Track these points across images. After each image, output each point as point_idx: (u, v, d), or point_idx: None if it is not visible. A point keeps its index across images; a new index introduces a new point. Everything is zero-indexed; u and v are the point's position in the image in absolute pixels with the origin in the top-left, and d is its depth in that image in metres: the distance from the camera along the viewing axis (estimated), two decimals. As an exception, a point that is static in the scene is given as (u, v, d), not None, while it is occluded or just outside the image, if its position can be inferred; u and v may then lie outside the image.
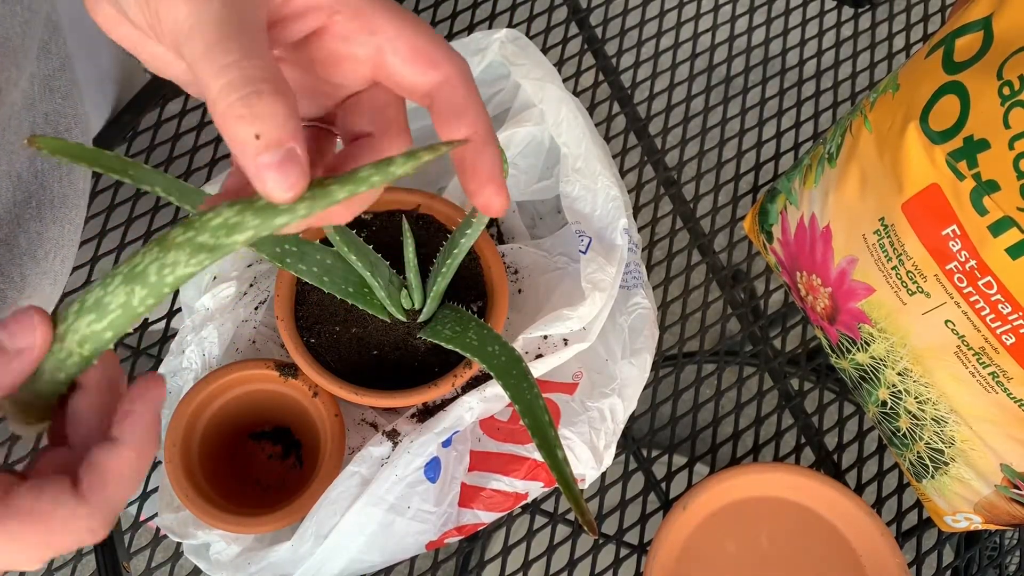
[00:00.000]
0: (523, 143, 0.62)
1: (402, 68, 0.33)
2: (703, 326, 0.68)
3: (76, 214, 0.58)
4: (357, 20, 0.33)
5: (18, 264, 0.53)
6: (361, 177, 0.30)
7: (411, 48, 0.33)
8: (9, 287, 0.52)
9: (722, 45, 0.77)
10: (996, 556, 0.67)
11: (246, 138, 0.29)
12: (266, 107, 0.29)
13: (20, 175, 0.52)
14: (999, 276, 0.46)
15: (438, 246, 0.54)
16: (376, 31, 0.33)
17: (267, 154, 0.29)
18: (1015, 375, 0.48)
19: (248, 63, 0.29)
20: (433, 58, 0.33)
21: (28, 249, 0.53)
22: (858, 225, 0.53)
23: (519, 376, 0.46)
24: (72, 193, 0.57)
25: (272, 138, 0.29)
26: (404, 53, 0.33)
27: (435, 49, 0.33)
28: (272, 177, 0.29)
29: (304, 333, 0.56)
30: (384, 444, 0.55)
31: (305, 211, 0.30)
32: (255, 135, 0.29)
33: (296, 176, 0.29)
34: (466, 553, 0.63)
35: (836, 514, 0.61)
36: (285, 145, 0.29)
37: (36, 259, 0.54)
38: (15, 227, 0.52)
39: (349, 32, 0.33)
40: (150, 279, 0.31)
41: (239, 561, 0.55)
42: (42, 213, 0.54)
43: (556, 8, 0.78)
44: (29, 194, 0.53)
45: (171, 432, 0.55)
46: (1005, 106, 0.44)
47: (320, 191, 0.30)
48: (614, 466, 0.60)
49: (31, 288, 0.54)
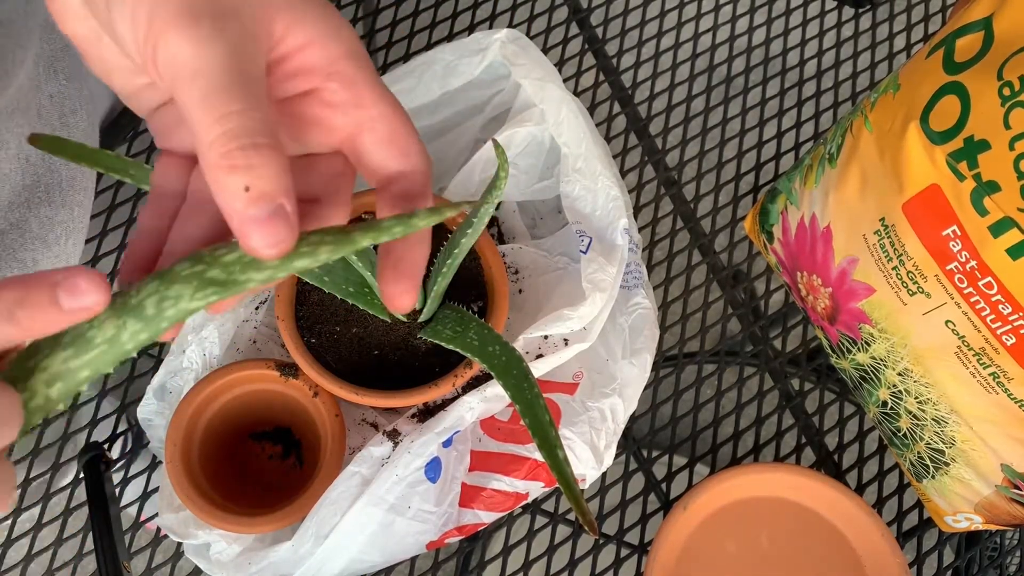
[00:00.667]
0: (523, 143, 0.62)
1: (375, 149, 0.33)
2: (703, 326, 0.68)
3: (85, 197, 0.57)
4: (348, 91, 0.32)
5: (30, 248, 0.52)
6: (385, 227, 0.30)
7: (390, 132, 0.33)
8: (22, 271, 0.52)
9: (723, 45, 0.77)
10: (996, 556, 0.67)
11: (235, 189, 0.28)
12: (261, 160, 0.28)
13: (28, 158, 0.51)
14: (999, 277, 0.46)
15: (438, 246, 0.54)
16: (362, 106, 0.33)
17: (255, 207, 0.28)
18: (1015, 375, 0.48)
19: (250, 115, 0.28)
20: (406, 148, 0.33)
21: (40, 233, 0.53)
22: (858, 225, 0.53)
23: (520, 376, 0.46)
24: (80, 176, 0.56)
25: (263, 191, 0.28)
26: (382, 135, 0.33)
27: (410, 139, 0.34)
28: (258, 232, 0.28)
29: (304, 333, 0.56)
30: (384, 444, 0.55)
31: (327, 255, 0.30)
32: (244, 187, 0.28)
33: (284, 232, 0.28)
34: (466, 553, 0.63)
35: (837, 514, 0.61)
36: (276, 200, 0.28)
37: (48, 243, 0.54)
38: (26, 211, 0.52)
39: (337, 101, 0.33)
40: (147, 312, 0.29)
41: (239, 561, 0.55)
42: (51, 196, 0.53)
43: (556, 8, 0.78)
44: (38, 177, 0.52)
45: (172, 432, 0.55)
46: (1005, 107, 0.44)
47: (344, 238, 0.30)
48: (614, 466, 0.60)
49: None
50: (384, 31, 0.76)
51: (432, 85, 0.62)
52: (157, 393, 0.59)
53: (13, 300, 0.27)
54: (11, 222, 0.51)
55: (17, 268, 0.52)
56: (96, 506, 0.56)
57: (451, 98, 0.64)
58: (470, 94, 0.64)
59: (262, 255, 0.29)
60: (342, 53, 0.32)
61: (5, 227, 0.51)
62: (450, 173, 0.64)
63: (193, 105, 0.28)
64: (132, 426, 0.63)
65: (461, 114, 0.65)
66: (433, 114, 0.64)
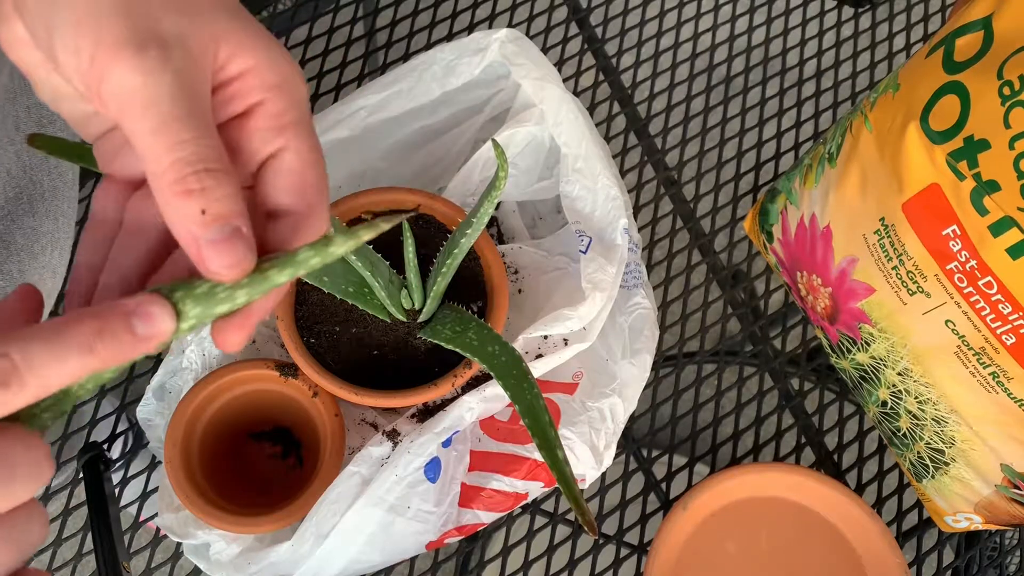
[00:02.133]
0: (523, 143, 0.62)
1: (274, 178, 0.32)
2: (703, 326, 0.68)
3: (68, 206, 0.58)
4: (273, 120, 0.32)
5: (16, 260, 0.52)
6: (300, 260, 0.30)
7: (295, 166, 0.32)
8: (8, 284, 0.52)
9: (722, 45, 0.77)
10: (996, 556, 0.67)
11: (190, 213, 0.28)
12: (215, 183, 0.28)
13: (10, 171, 0.51)
14: (999, 276, 0.46)
15: (438, 246, 0.54)
16: (281, 135, 0.32)
17: (212, 229, 0.28)
18: (1015, 375, 0.48)
19: (201, 142, 0.29)
20: (303, 187, 0.32)
21: (25, 245, 0.53)
22: (858, 225, 0.53)
23: (519, 376, 0.46)
24: (62, 185, 0.56)
25: (218, 213, 0.28)
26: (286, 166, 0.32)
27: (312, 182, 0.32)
28: (216, 254, 0.28)
29: (304, 333, 0.56)
30: (384, 444, 0.55)
31: (245, 297, 0.29)
32: (200, 210, 0.28)
33: (242, 252, 0.29)
34: (466, 553, 0.63)
35: (836, 514, 0.61)
36: (231, 222, 0.28)
37: (33, 254, 0.54)
38: (9, 223, 0.52)
39: (261, 127, 0.32)
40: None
41: (239, 561, 0.55)
42: (35, 207, 0.53)
43: (556, 8, 0.78)
44: (20, 189, 0.52)
45: (171, 432, 0.55)
46: (1005, 106, 0.44)
47: (258, 276, 0.29)
48: (614, 466, 0.60)
49: (32, 284, 0.54)
50: (384, 31, 0.76)
51: (432, 85, 0.62)
52: (156, 393, 0.59)
53: (92, 332, 0.27)
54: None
55: (2, 280, 0.52)
56: (96, 506, 0.56)
57: (451, 98, 0.64)
58: (470, 94, 0.64)
59: (222, 277, 0.29)
60: (277, 83, 0.32)
61: None
62: (450, 173, 0.64)
63: (143, 135, 0.29)
64: (131, 426, 0.63)
65: (461, 114, 0.65)
66: (433, 114, 0.64)
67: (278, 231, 0.32)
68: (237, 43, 0.31)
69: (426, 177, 0.65)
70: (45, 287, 0.57)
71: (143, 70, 0.28)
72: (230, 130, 0.32)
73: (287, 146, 0.32)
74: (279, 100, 0.32)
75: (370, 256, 0.52)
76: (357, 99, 0.61)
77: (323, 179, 0.33)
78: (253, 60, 0.32)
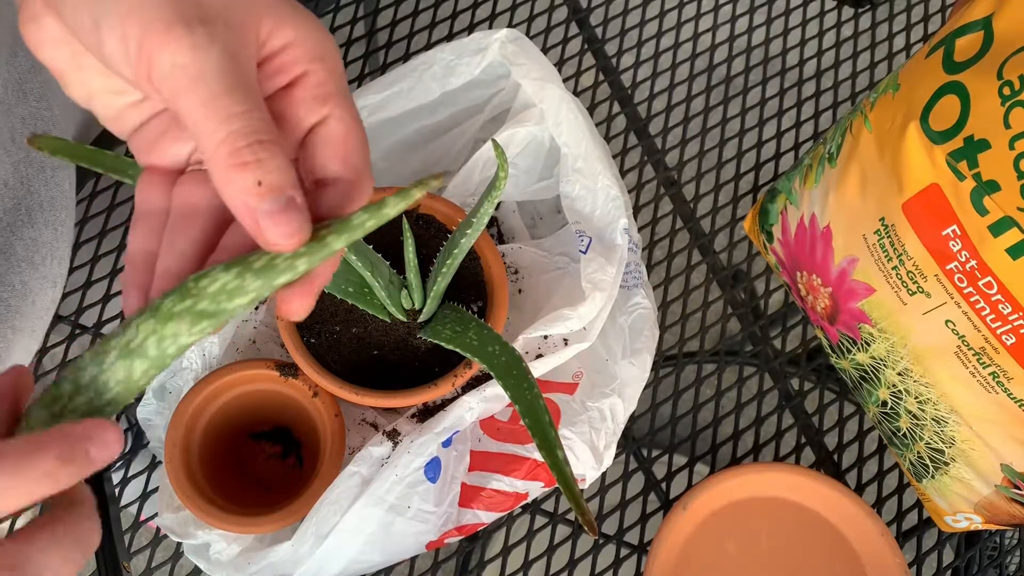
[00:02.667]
0: (523, 143, 0.62)
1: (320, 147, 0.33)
2: (703, 326, 0.68)
3: (66, 216, 0.58)
4: (317, 89, 0.33)
5: (17, 271, 0.53)
6: (356, 224, 0.30)
7: (340, 135, 0.33)
8: (11, 295, 0.52)
9: (722, 45, 0.77)
10: (996, 556, 0.67)
11: (247, 185, 0.29)
12: (269, 155, 0.29)
13: (7, 182, 0.52)
14: (999, 276, 0.46)
15: (438, 246, 0.54)
16: (325, 105, 0.33)
17: (268, 200, 0.29)
18: (1015, 375, 0.48)
19: (253, 115, 0.29)
20: (348, 155, 0.33)
21: (26, 256, 0.53)
22: (858, 225, 0.53)
23: (519, 376, 0.46)
24: (59, 195, 0.56)
25: (273, 184, 0.29)
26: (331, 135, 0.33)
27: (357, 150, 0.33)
28: (274, 224, 0.29)
29: (304, 333, 0.56)
30: (384, 444, 0.55)
31: (305, 265, 0.30)
32: (256, 182, 0.29)
33: (298, 222, 0.29)
34: (466, 553, 0.63)
35: (836, 514, 0.61)
36: (286, 192, 0.29)
37: (34, 264, 0.54)
38: (9, 235, 0.52)
39: (306, 98, 0.33)
40: (150, 353, 0.30)
41: (239, 561, 0.55)
42: (33, 218, 0.54)
43: (556, 8, 0.78)
44: (18, 200, 0.53)
45: (171, 432, 0.55)
46: (1005, 106, 0.44)
47: (316, 244, 0.30)
48: (614, 466, 0.60)
49: (33, 294, 0.54)
50: (384, 31, 0.76)
51: (432, 85, 0.62)
52: (157, 393, 0.59)
53: (56, 461, 0.28)
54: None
55: (7, 293, 0.52)
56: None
57: (451, 98, 0.64)
58: (470, 94, 0.64)
59: (281, 247, 0.29)
60: (319, 55, 0.33)
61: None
62: (450, 173, 0.64)
63: (195, 110, 0.29)
64: (132, 426, 0.63)
65: (461, 114, 0.65)
66: (433, 114, 0.64)
67: (328, 199, 0.33)
68: (279, 18, 0.32)
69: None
70: (45, 298, 0.57)
71: (190, 47, 0.29)
72: (276, 102, 0.33)
73: (331, 114, 0.33)
74: (321, 71, 0.33)
75: (370, 256, 0.52)
76: (357, 99, 0.61)
77: (366, 145, 0.34)
78: (294, 33, 0.32)
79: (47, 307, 0.57)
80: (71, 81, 0.34)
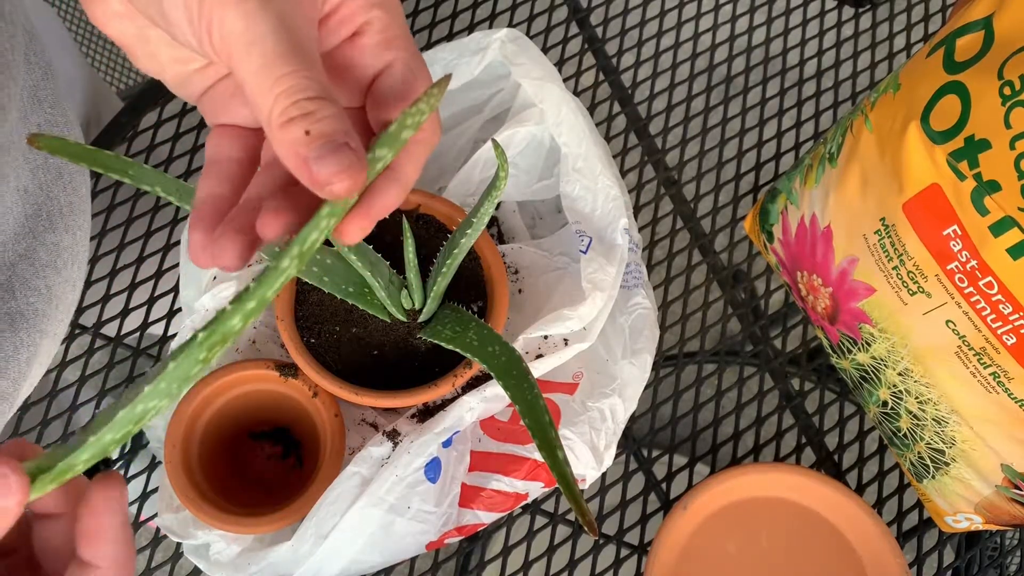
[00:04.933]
0: (523, 143, 0.62)
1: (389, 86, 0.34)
2: (704, 326, 0.68)
3: (84, 220, 0.58)
4: (381, 35, 0.34)
5: (43, 276, 0.53)
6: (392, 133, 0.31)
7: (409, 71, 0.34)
8: (38, 299, 0.53)
9: (722, 45, 0.77)
10: (997, 556, 0.67)
11: (296, 136, 0.29)
12: (316, 107, 0.29)
13: (27, 188, 0.52)
14: (1000, 276, 0.45)
15: (438, 246, 0.54)
16: (391, 49, 0.34)
17: (316, 146, 0.29)
18: (1016, 375, 0.48)
19: (302, 74, 0.29)
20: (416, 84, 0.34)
21: (49, 260, 0.54)
22: (859, 225, 0.53)
23: (519, 376, 0.46)
24: (77, 200, 0.57)
25: (321, 131, 0.29)
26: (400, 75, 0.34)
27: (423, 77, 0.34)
28: (324, 165, 0.29)
29: (304, 333, 0.56)
30: (384, 444, 0.55)
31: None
32: (305, 131, 0.29)
33: (349, 159, 0.29)
34: (466, 553, 0.63)
35: (837, 514, 0.61)
36: (336, 139, 0.29)
37: (57, 269, 0.54)
38: (32, 240, 0.53)
39: (371, 44, 0.34)
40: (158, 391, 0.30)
41: (239, 561, 0.55)
42: (54, 223, 0.54)
43: (556, 8, 0.78)
44: (38, 206, 0.53)
45: (171, 432, 0.55)
46: (1006, 106, 0.44)
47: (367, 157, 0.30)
48: (614, 466, 0.60)
49: (57, 298, 0.55)
50: (384, 31, 0.76)
51: (432, 85, 0.62)
52: (156, 393, 0.59)
53: None
54: (19, 253, 0.52)
55: (34, 296, 0.52)
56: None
57: (451, 98, 0.64)
58: (470, 94, 0.64)
59: (334, 190, 0.29)
60: (378, 1, 0.34)
61: (15, 258, 0.51)
62: (450, 173, 0.64)
63: (250, 75, 0.30)
64: (131, 426, 0.63)
65: (461, 114, 0.65)
66: (433, 114, 0.64)
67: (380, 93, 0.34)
68: None
69: (426, 177, 0.65)
70: (67, 300, 0.57)
71: (245, 13, 0.30)
72: (343, 51, 0.34)
73: (397, 57, 0.34)
74: (384, 17, 0.34)
75: (370, 256, 0.52)
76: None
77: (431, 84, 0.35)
78: None
79: (68, 311, 0.58)
80: (139, 54, 0.35)
